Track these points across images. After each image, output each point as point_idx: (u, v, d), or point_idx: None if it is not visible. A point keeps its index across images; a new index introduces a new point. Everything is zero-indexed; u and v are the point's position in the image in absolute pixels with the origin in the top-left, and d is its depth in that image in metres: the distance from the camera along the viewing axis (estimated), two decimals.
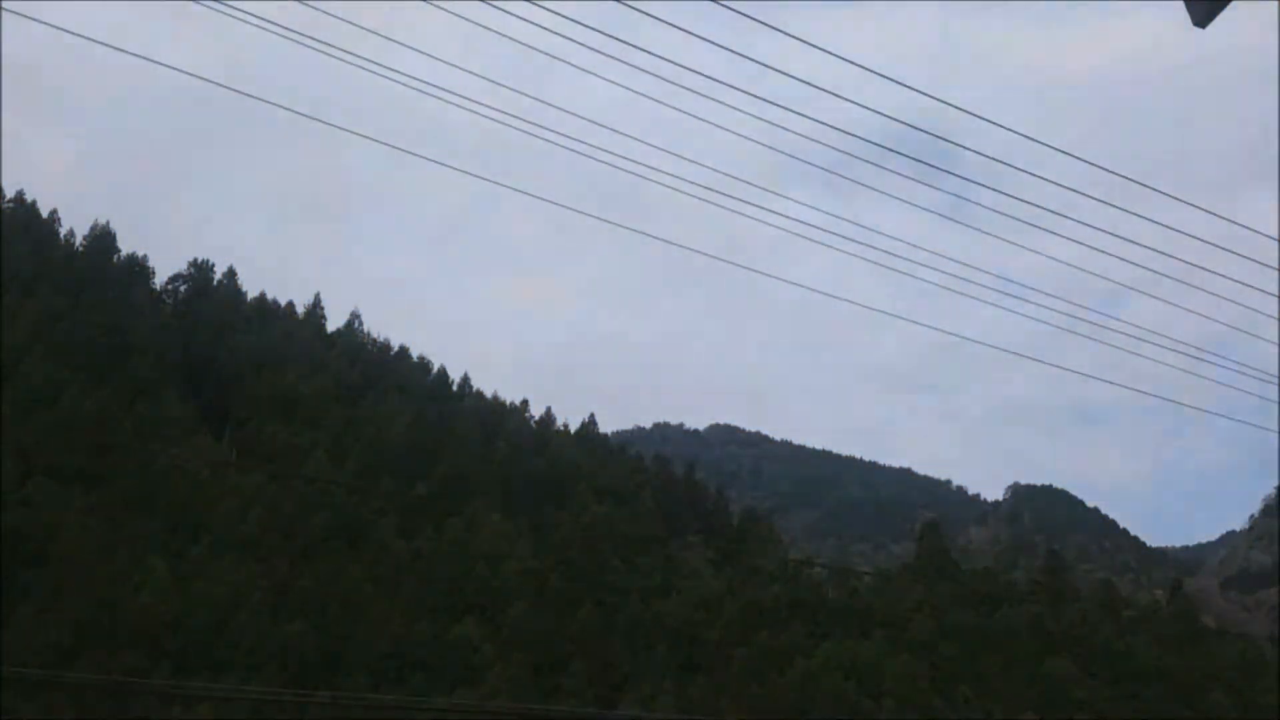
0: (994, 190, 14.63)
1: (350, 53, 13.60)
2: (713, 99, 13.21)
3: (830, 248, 17.18)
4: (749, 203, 16.50)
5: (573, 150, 15.11)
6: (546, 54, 13.09)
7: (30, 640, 79.07)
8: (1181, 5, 8.32)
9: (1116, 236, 15.61)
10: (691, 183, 16.23)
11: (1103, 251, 16.13)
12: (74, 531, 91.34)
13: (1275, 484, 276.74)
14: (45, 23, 13.36)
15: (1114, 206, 14.26)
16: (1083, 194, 13.90)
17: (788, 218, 16.93)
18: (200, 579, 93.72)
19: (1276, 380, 18.90)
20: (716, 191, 16.20)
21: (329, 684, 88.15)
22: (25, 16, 13.14)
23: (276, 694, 66.19)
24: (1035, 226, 16.43)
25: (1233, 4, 8.20)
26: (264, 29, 12.69)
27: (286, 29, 12.66)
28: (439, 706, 65.67)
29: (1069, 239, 16.34)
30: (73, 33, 13.98)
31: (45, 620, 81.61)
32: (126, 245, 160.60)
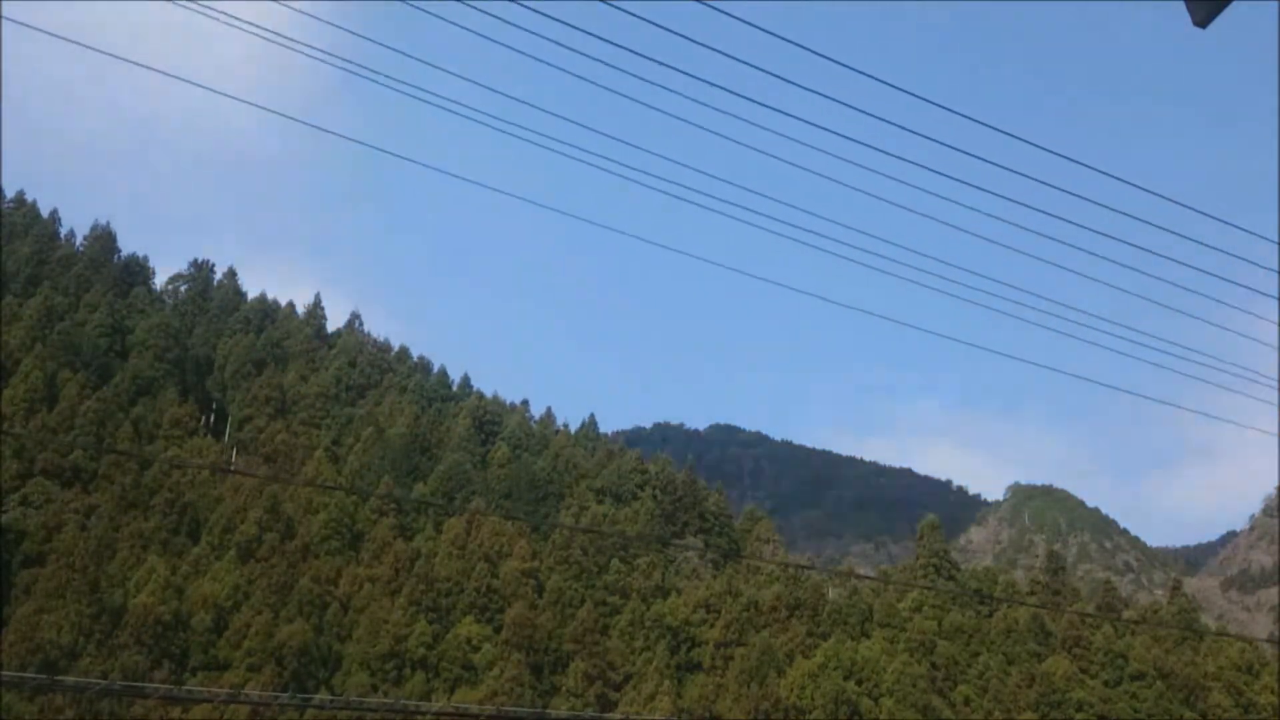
0: (987, 192, 14.62)
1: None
2: (703, 102, 13.20)
3: (832, 254, 17.16)
4: (745, 207, 16.48)
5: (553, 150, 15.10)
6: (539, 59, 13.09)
7: (30, 640, 79.13)
8: (1181, 5, 8.31)
9: (1114, 239, 15.60)
10: (687, 187, 16.21)
11: (1100, 256, 16.13)
12: (74, 531, 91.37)
13: (1275, 484, 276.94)
14: (45, 30, 13.34)
15: (1112, 209, 14.26)
16: (1082, 197, 13.89)
17: (781, 221, 16.91)
18: (200, 579, 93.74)
19: (1276, 381, 18.90)
20: (711, 196, 16.19)
21: (329, 684, 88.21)
22: (25, 24, 13.12)
23: (276, 694, 66.23)
24: (1035, 232, 16.43)
25: (1233, 4, 8.19)
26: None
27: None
28: (439, 707, 65.69)
29: (1068, 244, 16.35)
30: (74, 41, 13.88)
31: (45, 620, 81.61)
32: (126, 245, 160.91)
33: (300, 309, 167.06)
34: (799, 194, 17.17)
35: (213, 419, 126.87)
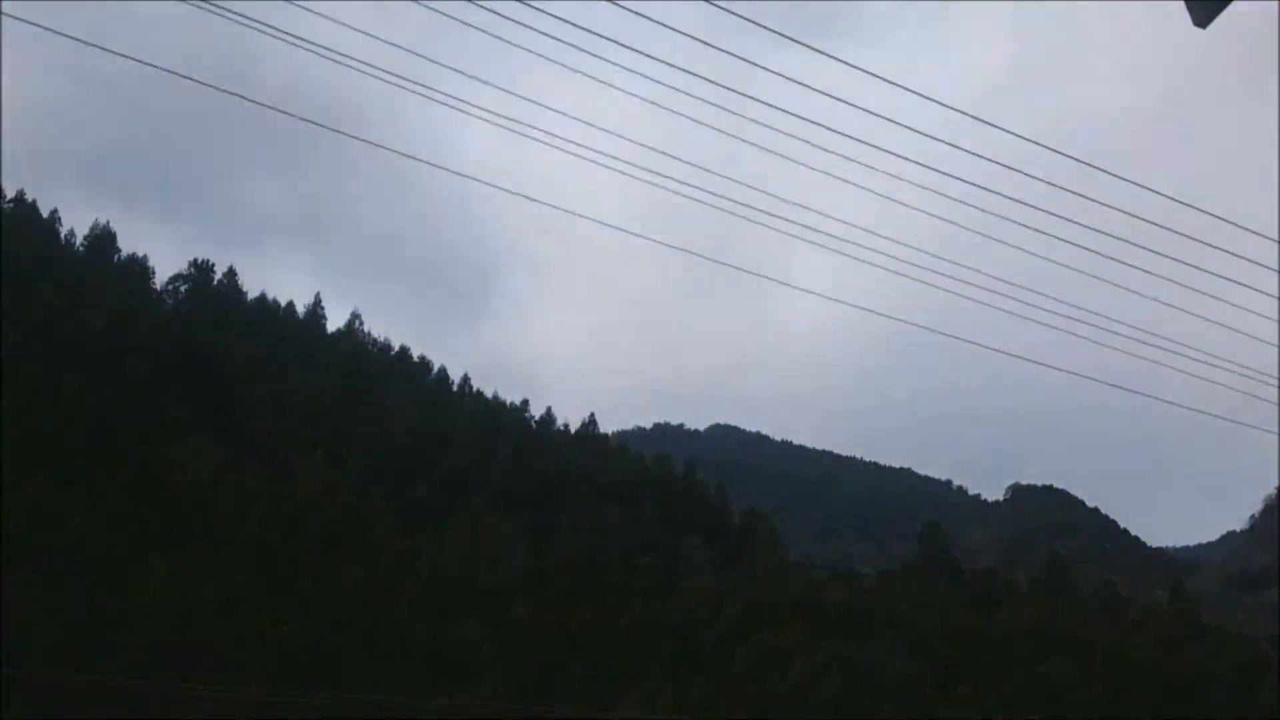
0: (987, 190, 14.64)
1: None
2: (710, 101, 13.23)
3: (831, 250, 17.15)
4: (751, 205, 16.49)
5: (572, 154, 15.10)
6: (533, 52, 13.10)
7: (30, 640, 79.08)
8: (1181, 5, 8.31)
9: (1113, 237, 15.62)
10: (689, 185, 16.22)
11: (1099, 253, 16.14)
12: (74, 531, 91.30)
13: (1275, 484, 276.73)
14: (45, 27, 13.35)
15: (1112, 208, 14.27)
16: (1085, 197, 13.92)
17: (783, 219, 16.91)
18: (200, 579, 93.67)
19: (1276, 380, 18.90)
20: (721, 196, 16.20)
21: (329, 684, 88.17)
22: (24, 20, 13.13)
23: (276, 694, 66.22)
24: (1036, 230, 16.44)
25: (1233, 4, 8.19)
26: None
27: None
28: (439, 707, 65.71)
29: (1067, 241, 16.36)
30: (73, 37, 13.96)
31: (45, 620, 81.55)
32: (127, 245, 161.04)
33: (300, 309, 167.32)
34: (799, 192, 17.20)
35: (213, 419, 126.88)
